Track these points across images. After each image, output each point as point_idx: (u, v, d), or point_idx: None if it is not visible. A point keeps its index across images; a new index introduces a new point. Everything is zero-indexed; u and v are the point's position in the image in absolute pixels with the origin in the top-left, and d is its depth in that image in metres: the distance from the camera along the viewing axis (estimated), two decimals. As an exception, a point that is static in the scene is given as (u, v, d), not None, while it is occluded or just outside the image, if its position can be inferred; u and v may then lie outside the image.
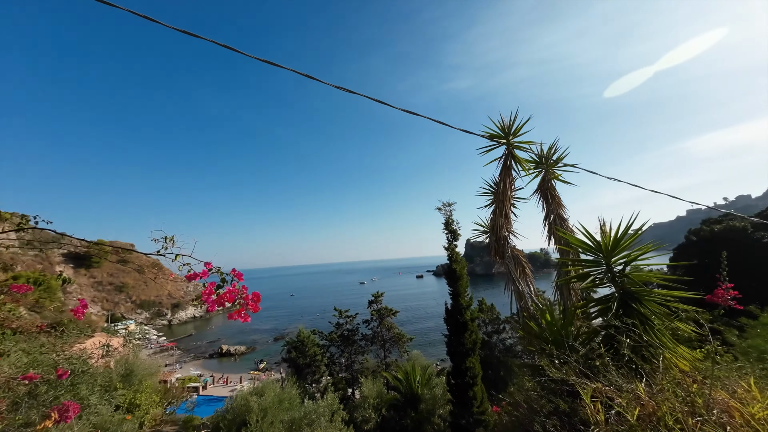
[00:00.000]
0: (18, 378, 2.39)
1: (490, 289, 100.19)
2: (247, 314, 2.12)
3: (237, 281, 2.12)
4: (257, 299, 2.18)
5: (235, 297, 2.06)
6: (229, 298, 2.03)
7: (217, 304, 2.00)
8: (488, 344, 21.31)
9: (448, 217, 9.88)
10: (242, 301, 2.11)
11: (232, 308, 2.17)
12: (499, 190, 5.34)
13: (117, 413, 16.42)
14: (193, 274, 1.99)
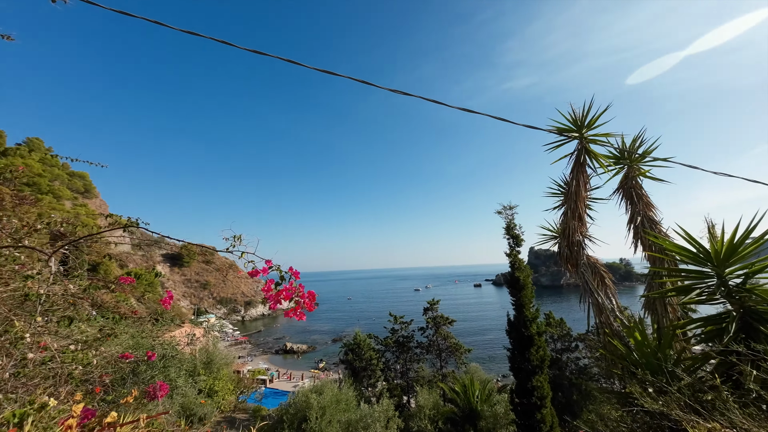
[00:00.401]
0: (119, 356, 2.77)
1: (558, 303, 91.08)
2: (303, 312, 2.15)
3: (294, 279, 2.17)
4: (312, 298, 2.20)
5: (291, 295, 2.11)
6: (286, 296, 2.08)
7: (275, 300, 2.06)
8: (558, 363, 19.24)
9: (510, 221, 9.16)
10: (298, 299, 2.15)
11: (290, 306, 2.22)
12: (571, 189, 4.77)
13: (200, 396, 18.51)
14: (255, 271, 2.09)
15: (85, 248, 45.20)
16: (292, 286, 2.13)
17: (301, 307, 2.13)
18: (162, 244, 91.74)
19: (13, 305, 2.37)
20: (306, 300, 2.16)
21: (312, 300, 2.19)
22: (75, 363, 2.57)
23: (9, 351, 2.05)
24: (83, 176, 76.26)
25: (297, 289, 2.15)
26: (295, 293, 2.14)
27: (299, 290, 2.15)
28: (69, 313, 2.55)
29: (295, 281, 2.17)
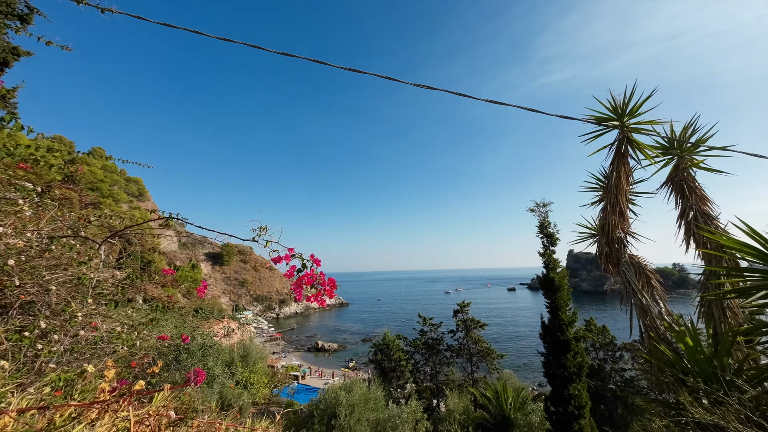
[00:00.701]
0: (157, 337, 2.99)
1: (601, 310, 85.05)
2: (323, 299, 2.18)
3: (315, 267, 2.21)
4: (333, 285, 2.23)
5: (313, 281, 2.15)
6: (308, 281, 2.12)
7: (298, 285, 2.11)
8: (599, 373, 17.94)
9: (544, 218, 8.67)
10: (319, 286, 2.18)
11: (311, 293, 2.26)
12: (611, 182, 4.43)
13: (237, 387, 19.49)
14: (278, 257, 2.16)
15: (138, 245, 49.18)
16: (314, 273, 2.17)
17: (322, 294, 2.16)
18: (205, 244, 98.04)
19: (71, 289, 2.64)
20: (326, 286, 2.19)
21: (333, 287, 2.22)
22: (121, 343, 2.81)
23: (66, 328, 2.28)
24: (138, 181, 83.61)
25: (318, 276, 2.19)
26: (317, 280, 2.17)
27: (320, 277, 2.19)
28: (116, 298, 2.79)
29: (316, 268, 2.20)
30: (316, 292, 2.15)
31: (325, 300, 2.19)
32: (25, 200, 2.67)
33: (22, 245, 2.44)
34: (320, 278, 2.17)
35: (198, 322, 7.63)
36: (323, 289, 2.17)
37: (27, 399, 1.46)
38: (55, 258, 2.68)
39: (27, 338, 2.10)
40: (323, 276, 2.20)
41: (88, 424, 1.28)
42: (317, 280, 2.17)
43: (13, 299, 2.24)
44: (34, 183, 4.72)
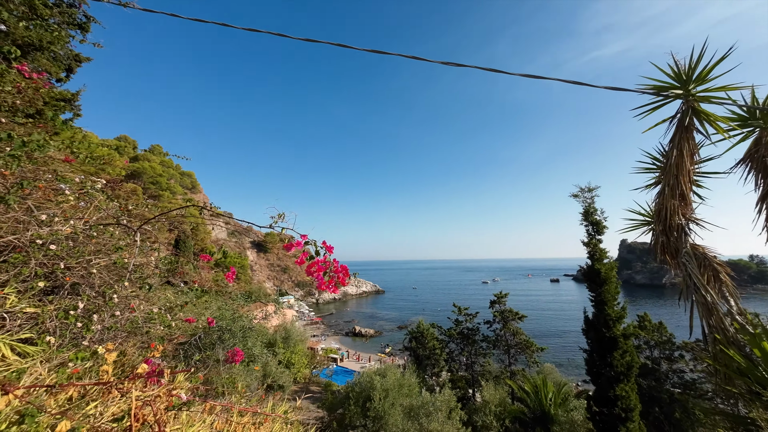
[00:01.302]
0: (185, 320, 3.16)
1: (658, 305, 77.70)
2: (336, 286, 2.12)
3: (328, 254, 2.15)
4: (346, 273, 2.15)
5: (324, 268, 2.09)
6: (319, 269, 2.06)
7: (309, 272, 2.07)
8: (654, 373, 16.47)
9: (589, 205, 7.85)
10: (332, 274, 2.12)
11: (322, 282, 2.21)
12: (670, 161, 3.84)
13: (279, 366, 20.76)
14: (290, 244, 2.12)
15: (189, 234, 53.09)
16: (326, 260, 2.11)
17: (334, 281, 2.10)
18: (250, 233, 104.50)
19: (114, 273, 2.86)
20: (339, 274, 2.12)
21: (346, 275, 2.15)
22: (159, 323, 3.02)
23: (104, 309, 2.47)
24: (190, 175, 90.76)
25: (331, 263, 2.13)
26: (329, 267, 2.11)
27: (333, 265, 2.12)
28: (149, 281, 2.98)
29: (329, 255, 2.14)
30: (328, 279, 2.09)
31: (338, 288, 2.13)
32: (72, 191, 2.94)
33: (69, 231, 2.67)
34: (333, 265, 2.11)
35: (238, 305, 8.18)
36: (336, 277, 2.11)
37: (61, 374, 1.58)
38: (100, 244, 2.92)
39: (72, 316, 2.30)
40: (336, 263, 2.14)
41: (99, 404, 1.34)
42: (330, 267, 2.11)
43: (63, 281, 2.47)
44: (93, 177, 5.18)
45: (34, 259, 2.40)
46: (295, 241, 2.09)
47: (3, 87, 2.49)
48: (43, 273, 2.40)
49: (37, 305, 2.27)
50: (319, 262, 2.07)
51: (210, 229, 77.29)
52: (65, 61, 8.85)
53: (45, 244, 2.24)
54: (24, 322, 2.18)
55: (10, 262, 2.17)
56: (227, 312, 7.80)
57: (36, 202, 2.78)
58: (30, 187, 2.20)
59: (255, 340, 8.65)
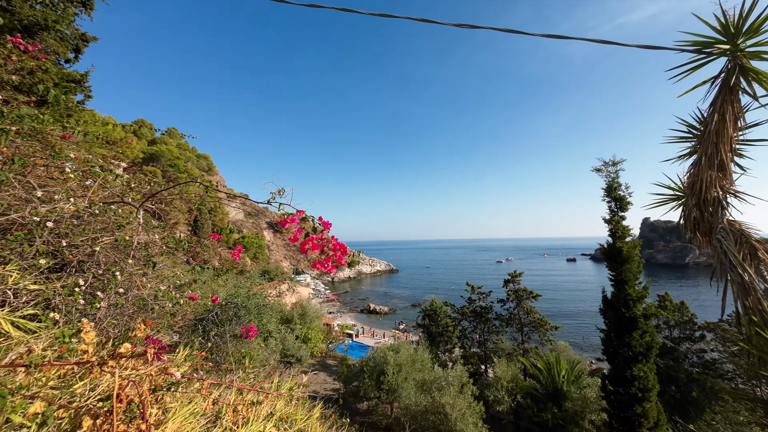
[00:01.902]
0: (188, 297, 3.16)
1: (680, 285, 75.34)
2: (333, 265, 2.00)
3: (325, 231, 2.02)
4: (344, 251, 2.03)
5: (321, 246, 1.97)
6: (314, 246, 1.95)
7: (303, 251, 1.96)
8: (672, 353, 16.17)
9: (613, 179, 7.35)
10: (330, 252, 2.00)
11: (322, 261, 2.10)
12: (710, 128, 3.45)
13: (297, 341, 21.55)
14: (285, 220, 2.01)
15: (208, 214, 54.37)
16: (323, 237, 1.99)
17: (331, 260, 1.98)
18: (266, 213, 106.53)
19: (119, 251, 2.86)
20: (337, 252, 2.00)
21: (343, 253, 2.02)
22: (166, 300, 3.04)
23: (110, 286, 2.47)
24: (206, 157, 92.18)
25: (329, 240, 2.00)
26: (326, 244, 1.99)
27: (330, 242, 2.00)
28: (156, 260, 2.97)
29: (326, 232, 2.02)
30: (325, 258, 1.98)
31: (335, 267, 2.01)
32: (74, 170, 2.91)
33: (72, 209, 2.66)
34: (331, 242, 1.99)
35: (251, 283, 8.39)
36: (333, 255, 1.99)
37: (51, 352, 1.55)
38: (105, 222, 2.91)
39: (77, 294, 2.31)
40: (334, 240, 2.02)
41: (87, 383, 1.30)
42: (327, 245, 1.99)
43: (67, 259, 2.48)
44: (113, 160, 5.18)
45: (38, 237, 2.40)
46: (289, 216, 1.97)
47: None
48: (47, 251, 2.40)
49: (42, 283, 2.28)
50: (313, 239, 1.94)
51: (227, 211, 79.23)
52: (72, 41, 8.80)
53: (42, 222, 2.20)
54: (30, 299, 2.20)
55: (12, 240, 2.15)
56: (242, 290, 7.97)
57: (39, 181, 2.76)
58: (21, 162, 2.14)
59: (270, 317, 8.88)
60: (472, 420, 12.36)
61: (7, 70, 2.88)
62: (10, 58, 2.90)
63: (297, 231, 1.94)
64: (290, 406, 2.28)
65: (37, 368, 1.06)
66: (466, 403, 12.94)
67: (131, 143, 5.35)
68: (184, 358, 1.78)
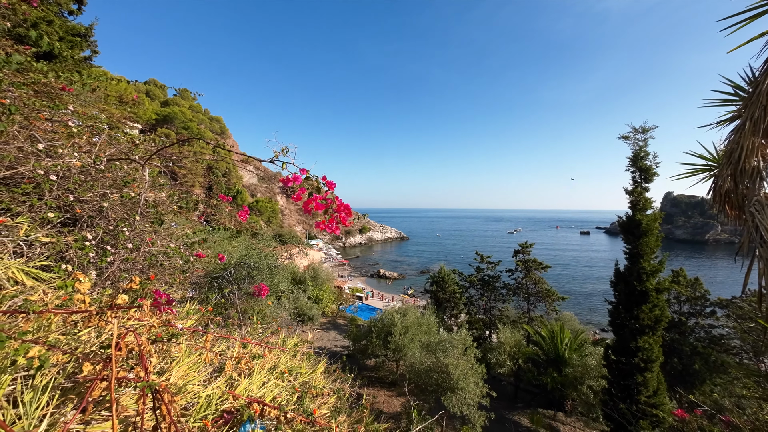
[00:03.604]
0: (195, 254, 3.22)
1: (697, 261, 73.75)
2: (337, 226, 1.95)
3: (329, 191, 1.94)
4: (348, 212, 1.96)
5: (324, 206, 1.91)
6: (317, 206, 1.88)
7: (307, 210, 1.90)
8: (679, 326, 16.21)
9: (641, 148, 6.86)
10: (333, 213, 1.94)
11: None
12: (761, 88, 3.06)
13: (309, 301, 22.52)
14: (287, 178, 1.93)
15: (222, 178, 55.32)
16: (326, 197, 1.91)
17: (335, 220, 1.93)
18: (280, 178, 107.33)
19: (127, 207, 2.89)
20: (341, 213, 1.93)
21: (348, 214, 1.96)
22: (177, 257, 3.12)
23: (116, 243, 2.51)
24: (219, 120, 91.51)
25: (333, 200, 1.93)
26: (330, 205, 1.92)
27: (334, 202, 1.93)
28: (163, 217, 2.99)
29: (330, 192, 1.94)
30: (329, 218, 1.92)
31: (339, 228, 1.96)
32: (79, 126, 2.87)
33: (79, 164, 2.65)
34: (335, 203, 1.92)
35: (263, 245, 8.63)
36: (337, 216, 1.92)
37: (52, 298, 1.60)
38: (112, 179, 2.91)
39: (88, 247, 2.36)
40: (339, 201, 1.94)
41: (91, 331, 1.33)
42: (331, 205, 1.92)
43: (75, 213, 2.51)
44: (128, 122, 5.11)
45: (47, 191, 2.41)
46: (292, 175, 1.89)
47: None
48: (56, 205, 2.43)
49: (53, 236, 2.32)
50: (317, 198, 1.87)
51: (241, 175, 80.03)
52: (73, -9, 8.41)
53: (47, 175, 2.20)
54: (43, 251, 2.26)
55: (19, 192, 2.17)
56: (254, 251, 8.19)
57: (43, 135, 2.74)
58: (17, 112, 2.09)
59: (282, 277, 9.19)
60: (473, 380, 12.97)
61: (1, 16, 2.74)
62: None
63: (300, 190, 1.87)
64: (294, 361, 2.37)
65: (36, 315, 1.07)
66: (468, 364, 13.51)
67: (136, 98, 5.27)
68: (187, 312, 1.81)
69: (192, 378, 1.45)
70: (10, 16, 2.84)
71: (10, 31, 2.72)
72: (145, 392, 1.07)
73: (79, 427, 1.08)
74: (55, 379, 1.13)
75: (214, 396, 1.50)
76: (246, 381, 1.64)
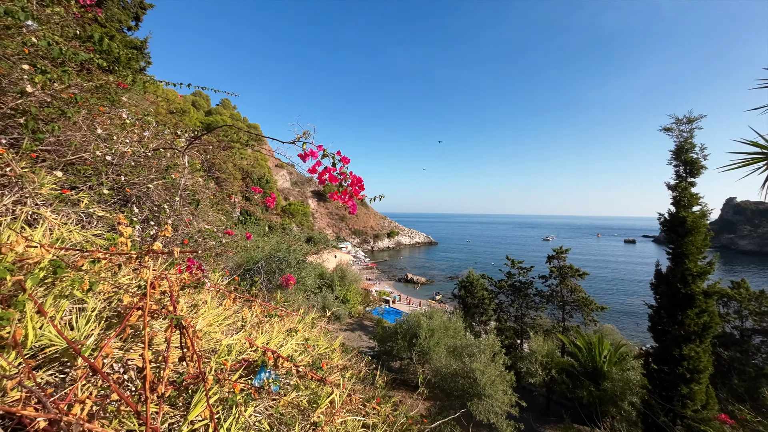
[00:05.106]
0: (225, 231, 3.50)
1: (765, 277, 65.57)
2: (352, 198, 2.05)
3: (343, 165, 2.06)
4: (361, 185, 2.06)
5: (338, 179, 2.02)
6: (331, 177, 2.00)
7: (321, 181, 2.03)
8: (740, 344, 14.55)
9: (686, 140, 6.28)
10: (347, 186, 2.05)
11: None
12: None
13: (336, 300, 22.95)
14: (303, 154, 2.07)
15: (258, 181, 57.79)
16: (341, 170, 2.03)
17: (348, 192, 2.03)
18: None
19: (168, 191, 3.21)
20: (354, 186, 2.04)
21: (360, 187, 2.06)
22: (211, 238, 3.41)
23: (159, 221, 2.81)
24: (256, 127, 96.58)
25: (347, 174, 2.04)
26: (345, 178, 2.04)
27: (348, 176, 2.04)
28: (196, 198, 3.29)
29: (344, 167, 2.05)
30: (342, 189, 2.03)
31: (354, 202, 2.06)
32: (130, 119, 3.26)
33: (130, 152, 3.00)
34: (348, 177, 2.02)
35: (291, 240, 9.04)
36: (350, 188, 2.03)
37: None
38: (156, 166, 3.26)
39: (135, 222, 2.67)
40: (352, 175, 2.05)
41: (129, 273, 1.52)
42: (345, 178, 2.02)
43: (126, 194, 2.85)
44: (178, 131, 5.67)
45: (103, 173, 2.76)
46: (309, 150, 2.02)
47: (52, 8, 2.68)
48: (111, 186, 2.77)
49: (108, 212, 2.65)
50: (330, 170, 1.99)
51: (276, 179, 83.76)
52: (132, 9, 9.44)
53: (103, 157, 2.52)
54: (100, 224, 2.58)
55: (81, 171, 2.51)
56: (283, 245, 8.57)
57: (101, 126, 3.14)
58: (82, 101, 2.43)
59: (309, 272, 9.52)
60: (501, 387, 12.49)
61: (71, 34, 3.19)
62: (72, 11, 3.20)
63: (316, 163, 2.00)
64: (312, 333, 2.49)
65: (87, 254, 1.27)
66: (497, 371, 13.04)
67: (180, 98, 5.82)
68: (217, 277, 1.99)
69: (214, 327, 1.61)
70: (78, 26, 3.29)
71: (78, 36, 3.15)
72: (173, 323, 1.22)
73: (119, 350, 1.26)
74: (102, 311, 1.32)
75: (235, 346, 1.65)
76: (264, 336, 1.78)
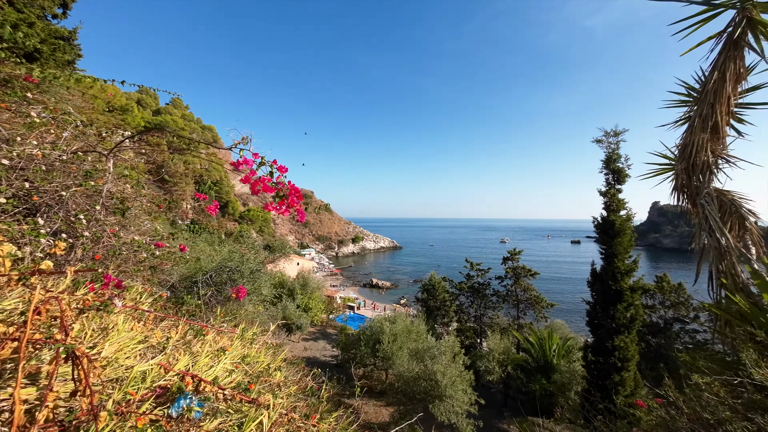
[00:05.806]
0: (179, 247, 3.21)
1: (682, 270, 74.95)
2: (287, 208, 1.98)
3: (280, 174, 1.98)
4: (299, 196, 2.00)
5: (273, 189, 1.94)
6: (264, 187, 1.91)
7: (255, 191, 1.93)
8: (665, 332, 16.40)
9: (613, 151, 7.09)
10: (283, 195, 1.97)
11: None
12: (707, 87, 3.24)
13: (297, 310, 22.15)
14: (238, 162, 1.96)
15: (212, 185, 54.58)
16: (278, 181, 1.95)
17: (284, 203, 1.96)
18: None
19: (90, 199, 2.88)
20: (292, 197, 1.97)
21: (299, 197, 1.99)
22: (141, 250, 3.10)
23: (75, 231, 2.50)
24: (211, 129, 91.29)
25: (285, 184, 1.97)
26: (282, 188, 1.96)
27: (285, 186, 1.97)
28: (122, 207, 2.99)
29: (281, 176, 1.98)
30: (278, 201, 1.95)
31: (288, 210, 1.99)
32: (41, 117, 2.88)
33: (40, 155, 2.65)
34: (286, 186, 1.95)
35: (244, 248, 8.59)
36: (286, 198, 1.96)
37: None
38: (75, 171, 2.90)
39: (42, 234, 2.35)
40: (290, 184, 1.98)
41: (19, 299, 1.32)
42: (283, 189, 1.95)
43: (32, 201, 2.50)
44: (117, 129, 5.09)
45: (3, 178, 2.40)
46: (243, 158, 1.92)
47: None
48: (13, 194, 2.41)
49: (8, 224, 2.30)
50: (264, 180, 1.91)
51: (233, 184, 79.52)
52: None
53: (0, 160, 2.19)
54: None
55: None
56: (236, 254, 8.11)
57: (3, 125, 2.74)
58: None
59: (264, 281, 9.10)
60: (461, 387, 12.83)
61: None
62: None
63: (250, 172, 1.90)
64: (251, 349, 2.35)
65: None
66: (457, 371, 13.38)
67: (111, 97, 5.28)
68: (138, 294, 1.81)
69: (126, 353, 1.44)
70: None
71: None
72: (59, 353, 1.07)
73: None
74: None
75: (151, 372, 1.49)
76: (187, 358, 1.63)
